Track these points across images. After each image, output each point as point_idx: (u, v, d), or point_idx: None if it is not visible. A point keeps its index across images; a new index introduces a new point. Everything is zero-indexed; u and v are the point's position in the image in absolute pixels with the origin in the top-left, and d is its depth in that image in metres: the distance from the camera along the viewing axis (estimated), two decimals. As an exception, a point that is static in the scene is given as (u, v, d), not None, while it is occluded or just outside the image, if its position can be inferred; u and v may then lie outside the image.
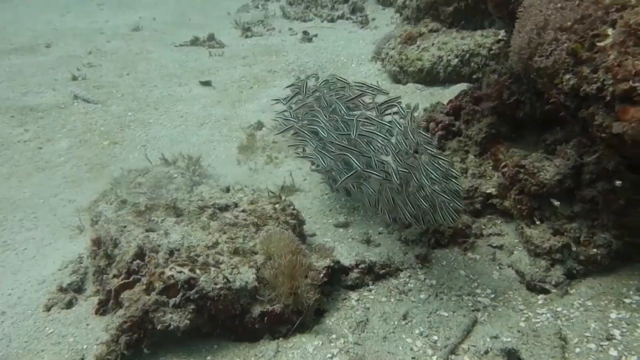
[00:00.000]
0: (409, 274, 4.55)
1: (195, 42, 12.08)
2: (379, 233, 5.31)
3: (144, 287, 3.73)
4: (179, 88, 9.52)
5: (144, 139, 7.53)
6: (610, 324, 3.64)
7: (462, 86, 7.17)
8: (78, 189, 6.26)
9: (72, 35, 12.83)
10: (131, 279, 3.83)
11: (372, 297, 4.41)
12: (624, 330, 3.56)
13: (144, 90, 9.40)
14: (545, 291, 4.11)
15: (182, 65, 10.62)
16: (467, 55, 8.29)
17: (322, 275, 4.26)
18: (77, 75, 9.83)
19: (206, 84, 9.56)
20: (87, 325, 4.03)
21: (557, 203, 4.00)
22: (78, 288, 4.47)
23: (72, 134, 7.71)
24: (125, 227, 4.29)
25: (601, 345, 3.50)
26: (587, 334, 3.63)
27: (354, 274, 4.54)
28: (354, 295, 4.44)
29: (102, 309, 4.09)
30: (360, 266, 4.57)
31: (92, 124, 8.02)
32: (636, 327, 3.54)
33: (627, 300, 3.76)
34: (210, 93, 9.31)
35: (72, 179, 6.54)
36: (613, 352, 3.42)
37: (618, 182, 3.53)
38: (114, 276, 3.98)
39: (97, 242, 4.39)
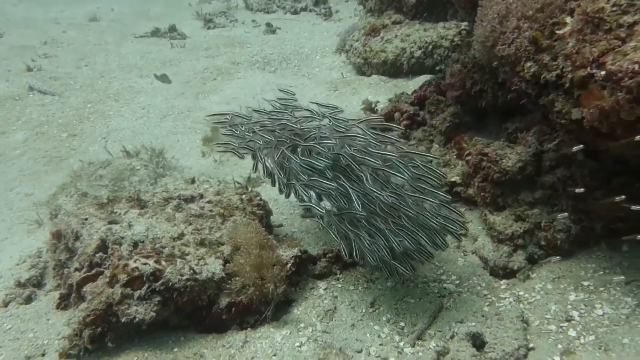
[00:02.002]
0: (376, 263, 4.58)
1: (156, 33, 11.82)
2: (346, 223, 5.34)
3: (108, 279, 3.64)
4: (140, 80, 9.30)
5: (105, 131, 7.33)
6: (569, 306, 3.77)
7: (426, 78, 7.25)
8: (35, 183, 6.05)
9: (26, 25, 12.36)
10: (94, 271, 3.73)
11: (340, 285, 4.42)
12: (582, 311, 3.69)
13: (103, 81, 9.15)
14: (508, 276, 4.22)
15: (143, 57, 10.38)
16: (430, 47, 8.39)
17: (289, 265, 4.24)
18: (32, 66, 9.49)
19: (164, 78, 9.31)
20: (48, 320, 3.91)
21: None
22: (37, 283, 4.33)
23: (28, 126, 7.44)
24: (86, 219, 4.16)
25: (561, 327, 3.62)
26: (547, 316, 3.74)
27: (321, 263, 4.54)
28: (322, 284, 4.44)
29: (64, 303, 3.97)
30: (327, 255, 4.57)
31: (49, 115, 7.76)
32: (594, 308, 3.67)
33: (585, 283, 3.89)
34: (172, 85, 9.13)
35: (29, 172, 6.32)
36: (572, 333, 3.53)
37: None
38: (76, 270, 3.87)
39: (57, 236, 4.25)
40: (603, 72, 2.75)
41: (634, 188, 3.62)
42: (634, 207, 2.95)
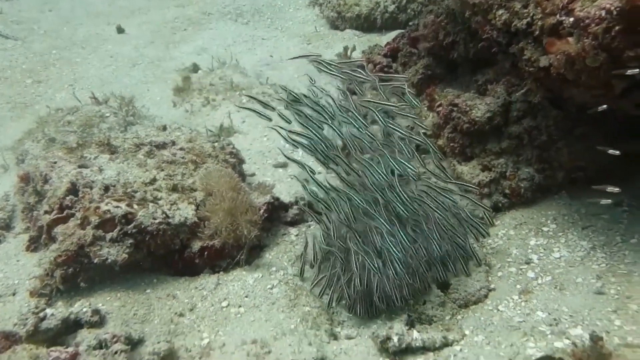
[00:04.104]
0: (347, 209, 4.67)
1: (124, -21, 11.34)
2: (318, 172, 5.39)
3: (79, 222, 3.63)
4: (107, 27, 8.99)
5: (71, 78, 7.13)
6: (529, 250, 3.96)
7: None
8: (0, 128, 5.89)
9: (-16, -33, 11.69)
10: (64, 214, 3.71)
11: (311, 232, 4.52)
12: (541, 254, 3.88)
13: (69, 28, 8.81)
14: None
15: (112, 4, 10.00)
16: (404, 1, 8.35)
17: (262, 211, 4.30)
18: (-8, 9, 9.07)
19: (120, 31, 8.96)
20: (18, 261, 3.90)
21: None
22: (6, 225, 4.29)
23: (-10, 72, 7.18)
24: (55, 163, 4.11)
25: (521, 269, 3.81)
26: (508, 260, 3.93)
27: (293, 210, 4.61)
28: (293, 230, 4.53)
29: (34, 245, 3.96)
30: (300, 203, 4.64)
31: (12, 60, 7.48)
32: (552, 252, 3.86)
33: (545, 229, 4.08)
34: (142, 33, 8.87)
35: (-7, 117, 6.15)
36: (531, 274, 3.73)
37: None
38: (46, 212, 3.84)
39: (25, 179, 4.19)
40: (571, 19, 2.82)
41: (594, 137, 3.77)
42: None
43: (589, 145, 3.90)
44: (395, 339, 3.16)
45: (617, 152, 2.99)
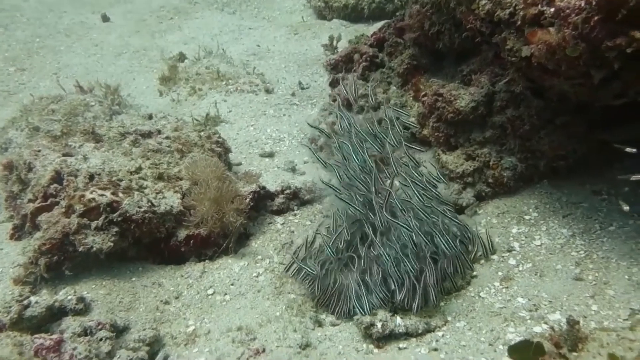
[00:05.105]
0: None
1: (109, -34, 11.21)
2: (304, 162, 5.43)
3: (63, 210, 3.63)
4: (92, 15, 8.90)
5: (56, 66, 7.06)
6: (511, 238, 4.02)
7: (387, 22, 7.26)
8: (-18, 117, 5.83)
9: (-35, -47, 11.48)
10: (49, 202, 3.71)
11: (297, 221, 4.55)
12: (523, 242, 3.94)
13: (53, 15, 8.70)
14: (458, 212, 4.44)
15: (96, -9, 9.89)
16: (391, -9, 8.36)
17: (248, 200, 4.31)
18: (-27, -4, 8.91)
19: (105, 19, 8.86)
20: (1, 249, 3.89)
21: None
22: (-11, 215, 4.27)
23: (-28, 59, 7.08)
24: (39, 151, 4.09)
25: (502, 256, 3.87)
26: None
27: (279, 199, 4.63)
28: (279, 219, 4.56)
29: (18, 234, 3.95)
30: (285, 192, 4.66)
31: (-5, 49, 7.39)
32: (533, 240, 3.93)
33: (527, 217, 4.15)
34: (127, 22, 8.79)
35: (-25, 106, 6.07)
36: (512, 261, 3.79)
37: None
38: (30, 200, 3.83)
39: (9, 167, 4.16)
40: (552, 9, 2.86)
41: (574, 127, 3.83)
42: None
43: (570, 134, 3.98)
44: (378, 325, 3.21)
45: (634, 150, 3.01)
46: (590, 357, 2.36)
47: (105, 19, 8.75)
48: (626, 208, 3.42)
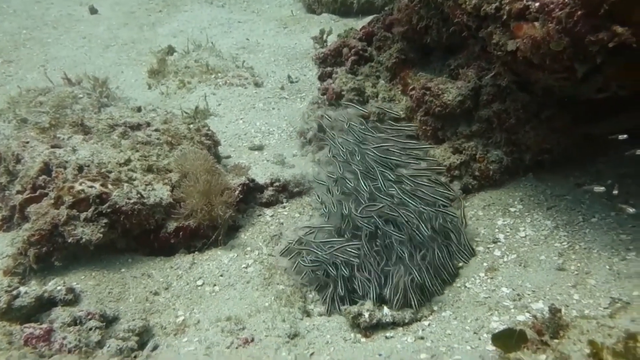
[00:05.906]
0: (321, 192, 4.75)
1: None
2: (293, 155, 5.47)
3: (52, 201, 3.63)
4: (79, 7, 8.83)
5: (43, 58, 7.01)
6: (496, 230, 4.09)
7: (376, 17, 7.29)
8: (-31, 109, 5.78)
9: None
10: (37, 193, 3.71)
11: (286, 213, 4.59)
12: (508, 234, 4.01)
13: (40, 7, 8.63)
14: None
15: (84, -16, 9.81)
16: (381, -14, 8.39)
17: (237, 192, 4.34)
18: (-42, -13, 8.80)
19: (93, 11, 8.79)
20: (-10, 241, 3.88)
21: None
22: (-23, 206, 4.24)
23: (-43, 50, 7.01)
24: (28, 142, 4.09)
25: (488, 247, 3.94)
26: (477, 239, 4.05)
27: (268, 192, 4.67)
28: (268, 211, 4.59)
29: (6, 225, 3.95)
30: (275, 184, 4.70)
31: (-19, 40, 7.32)
32: (518, 231, 4.00)
33: (512, 209, 4.22)
34: (116, 14, 8.74)
35: (-39, 98, 6.01)
36: (497, 252, 3.86)
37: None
38: (18, 192, 3.83)
39: (-3, 159, 4.15)
40: (537, 4, 2.91)
41: (559, 120, 3.90)
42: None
43: (555, 128, 4.04)
44: (366, 315, 3.26)
45: (625, 136, 3.06)
46: (571, 344, 2.43)
47: (93, 11, 8.70)
48: (631, 210, 3.49)
